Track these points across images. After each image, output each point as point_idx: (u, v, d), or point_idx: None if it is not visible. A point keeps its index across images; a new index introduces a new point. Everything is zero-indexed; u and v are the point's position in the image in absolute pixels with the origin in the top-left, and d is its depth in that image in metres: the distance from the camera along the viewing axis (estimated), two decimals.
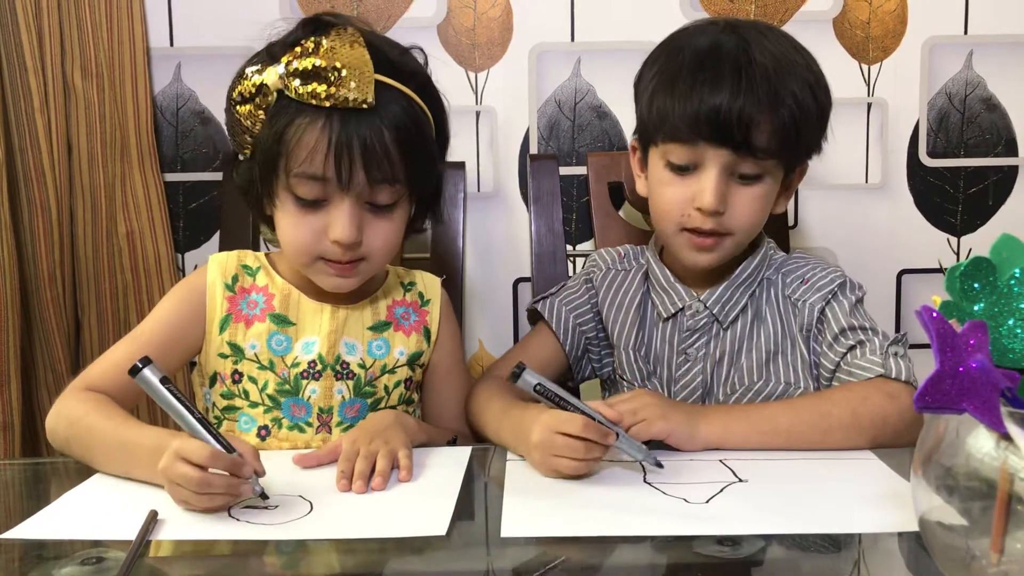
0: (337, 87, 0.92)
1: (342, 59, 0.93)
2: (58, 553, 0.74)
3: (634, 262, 1.19)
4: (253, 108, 0.96)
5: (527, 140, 1.55)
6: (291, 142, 0.94)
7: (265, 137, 0.96)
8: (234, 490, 0.80)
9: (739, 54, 1.01)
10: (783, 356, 1.10)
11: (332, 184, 0.95)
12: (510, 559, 0.74)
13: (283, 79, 0.94)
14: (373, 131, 0.94)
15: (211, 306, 1.05)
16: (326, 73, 0.93)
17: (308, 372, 1.05)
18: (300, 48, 0.94)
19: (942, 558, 0.63)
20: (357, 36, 0.95)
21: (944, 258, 1.59)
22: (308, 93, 0.93)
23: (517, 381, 0.91)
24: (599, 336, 1.18)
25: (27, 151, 1.44)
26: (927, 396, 0.57)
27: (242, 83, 0.97)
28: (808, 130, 1.04)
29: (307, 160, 0.94)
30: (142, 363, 0.83)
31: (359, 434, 0.95)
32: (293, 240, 1.00)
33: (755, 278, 1.11)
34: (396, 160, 0.96)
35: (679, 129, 1.02)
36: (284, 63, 0.94)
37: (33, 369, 1.49)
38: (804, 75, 1.02)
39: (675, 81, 1.02)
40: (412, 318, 1.12)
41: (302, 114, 0.94)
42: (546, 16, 1.52)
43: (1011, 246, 0.62)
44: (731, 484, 0.87)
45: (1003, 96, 1.55)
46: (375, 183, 0.96)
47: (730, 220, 1.04)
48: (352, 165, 0.94)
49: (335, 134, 0.93)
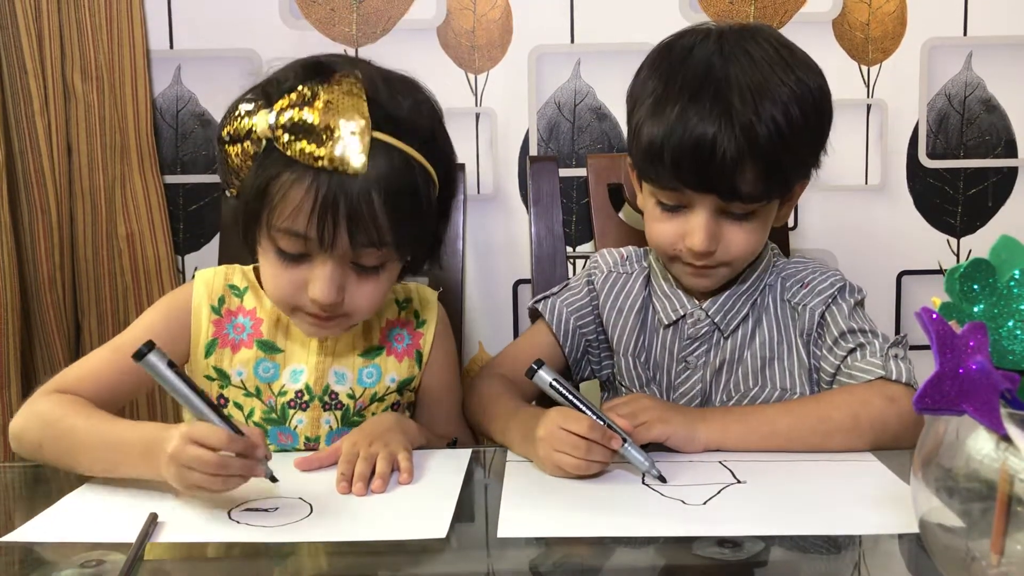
0: (327, 147, 0.87)
1: (337, 116, 0.87)
2: (58, 556, 0.74)
3: (636, 265, 1.18)
4: (241, 150, 0.91)
5: (527, 142, 1.55)
6: (275, 196, 0.89)
7: (250, 185, 0.91)
8: (249, 471, 0.80)
9: (724, 90, 0.96)
10: (779, 361, 1.10)
11: (315, 243, 0.90)
12: (510, 562, 0.74)
13: (273, 129, 0.88)
14: (362, 195, 0.88)
15: (196, 328, 1.03)
16: (318, 130, 0.87)
17: (295, 402, 1.03)
18: (295, 95, 0.88)
19: (942, 560, 0.63)
20: (359, 89, 0.89)
21: (944, 259, 1.59)
22: (297, 150, 0.87)
23: (533, 377, 0.91)
24: (599, 338, 1.18)
25: (27, 154, 1.44)
26: (927, 398, 0.57)
27: (233, 121, 0.92)
28: (799, 158, 1.01)
29: (290, 217, 0.89)
30: (147, 347, 0.79)
31: (359, 436, 0.95)
32: (273, 289, 0.97)
33: (757, 286, 1.11)
34: (384, 225, 0.90)
35: (663, 179, 1.01)
36: (276, 111, 0.88)
37: (33, 371, 1.49)
38: (792, 94, 0.97)
39: (662, 116, 0.98)
40: (405, 341, 1.09)
41: (290, 168, 0.88)
42: (546, 18, 1.53)
43: (1011, 248, 0.62)
44: (729, 485, 0.87)
45: (1002, 97, 1.55)
46: (359, 247, 0.91)
47: (724, 254, 1.03)
48: (336, 229, 0.88)
49: (321, 195, 0.87)
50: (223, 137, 0.92)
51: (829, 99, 1.04)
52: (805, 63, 1.02)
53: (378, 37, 1.52)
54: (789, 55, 1.01)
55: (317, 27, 1.52)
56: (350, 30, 1.52)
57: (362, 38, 1.52)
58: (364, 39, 1.52)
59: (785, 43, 1.03)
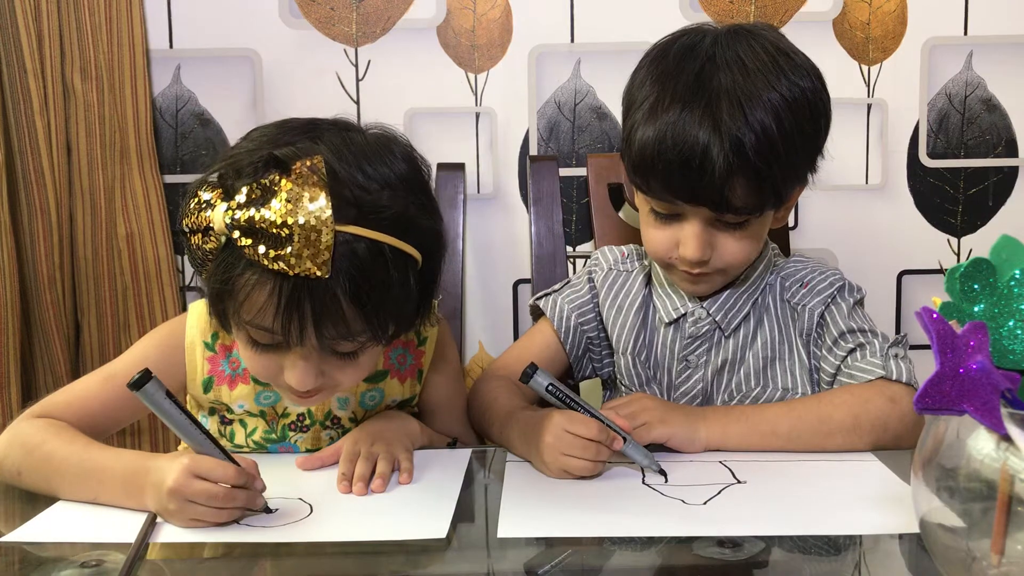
0: (287, 252, 0.80)
1: (296, 215, 0.79)
2: (58, 556, 0.74)
3: (637, 263, 1.18)
4: (202, 241, 0.85)
5: (527, 141, 1.55)
6: (239, 294, 0.84)
7: (213, 282, 0.86)
8: (251, 503, 0.80)
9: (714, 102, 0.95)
10: (781, 361, 1.09)
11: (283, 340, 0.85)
12: (510, 562, 0.74)
13: (230, 229, 0.82)
14: (327, 293, 0.82)
15: (191, 365, 1.01)
16: (275, 232, 0.80)
17: (296, 424, 1.02)
18: (251, 191, 0.81)
19: (943, 560, 0.62)
20: (321, 182, 0.81)
21: (944, 259, 1.58)
22: (255, 254, 0.81)
23: (529, 382, 0.91)
24: (600, 336, 1.18)
25: (27, 153, 1.44)
26: (927, 397, 0.57)
27: (191, 212, 0.85)
28: (790, 170, 0.99)
29: (258, 315, 0.84)
30: (144, 377, 0.76)
31: (360, 436, 0.95)
32: (253, 371, 0.93)
33: (758, 286, 1.11)
34: (353, 319, 0.84)
35: (655, 190, 1.00)
36: (233, 207, 0.81)
37: (33, 372, 1.49)
38: (781, 99, 0.96)
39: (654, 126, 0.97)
40: (408, 361, 1.06)
41: (251, 268, 0.82)
42: (546, 17, 1.52)
43: (1011, 247, 0.62)
44: (730, 485, 0.87)
45: (1003, 97, 1.55)
46: (331, 339, 0.85)
47: (718, 262, 1.03)
48: (303, 327, 0.83)
49: (284, 297, 0.82)
50: (183, 228, 0.87)
51: (825, 103, 1.02)
52: (801, 67, 1.00)
53: (378, 37, 1.52)
54: (785, 60, 0.99)
55: (317, 27, 1.52)
56: (350, 30, 1.52)
57: (362, 38, 1.52)
58: (364, 39, 1.52)
59: (781, 47, 1.00)
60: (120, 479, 0.82)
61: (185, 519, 0.78)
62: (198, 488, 0.77)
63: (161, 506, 0.79)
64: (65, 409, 0.95)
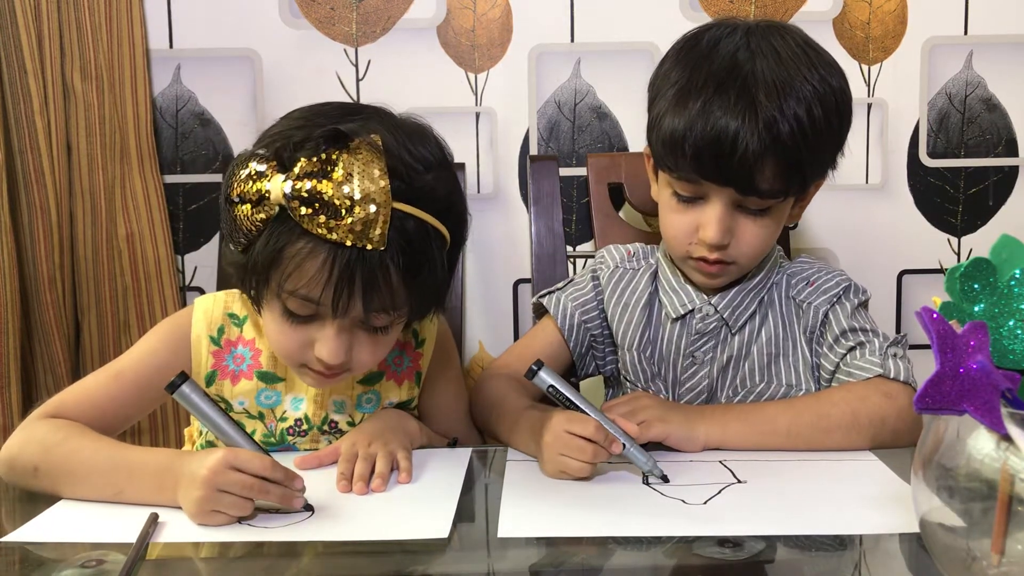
0: (346, 223, 0.84)
1: (356, 189, 0.84)
2: (58, 556, 0.74)
3: (643, 261, 1.18)
4: (251, 211, 0.87)
5: (527, 141, 1.55)
6: (289, 263, 0.87)
7: (262, 251, 0.88)
8: (287, 500, 0.80)
9: (749, 85, 0.97)
10: (784, 358, 1.10)
11: (327, 309, 0.88)
12: (511, 562, 0.74)
13: (288, 199, 0.85)
14: (379, 266, 0.86)
15: (196, 359, 1.01)
16: (336, 204, 0.84)
17: (295, 429, 1.02)
18: (312, 164, 0.85)
19: (943, 559, 0.62)
20: (379, 159, 0.85)
21: (944, 259, 1.58)
22: (315, 224, 0.84)
23: (533, 378, 0.91)
24: (604, 334, 1.18)
25: (27, 153, 1.44)
26: (927, 397, 0.57)
27: (243, 182, 0.87)
28: (819, 157, 1.02)
29: (306, 285, 0.87)
30: (180, 379, 0.81)
31: (359, 435, 0.95)
32: (278, 346, 0.95)
33: (765, 284, 1.11)
34: (400, 292, 0.89)
35: (682, 169, 1.01)
36: (292, 180, 0.85)
37: (33, 372, 1.49)
38: (815, 93, 0.99)
39: (685, 108, 0.99)
40: (405, 363, 1.07)
41: (305, 238, 0.86)
42: (546, 17, 1.52)
43: (1011, 247, 0.62)
44: (730, 485, 0.87)
45: (1003, 96, 1.55)
46: (372, 312, 0.90)
47: (735, 250, 1.04)
48: (351, 298, 0.87)
49: (339, 267, 0.85)
50: (231, 197, 0.89)
51: (850, 101, 1.05)
52: (829, 64, 1.03)
53: (378, 36, 1.52)
54: (815, 55, 1.02)
55: (317, 26, 1.52)
56: (350, 29, 1.52)
57: (362, 37, 1.52)
58: (364, 38, 1.52)
59: (811, 42, 1.04)
60: (153, 474, 0.83)
61: (209, 510, 0.78)
62: (233, 479, 0.78)
63: (189, 496, 0.79)
64: (75, 408, 0.96)
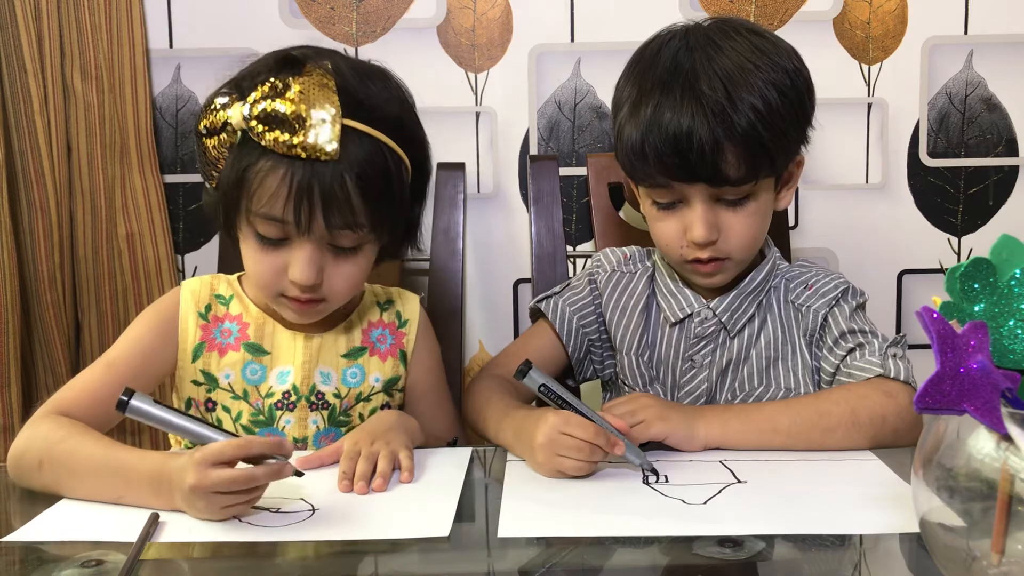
0: (300, 136, 0.91)
1: (308, 105, 0.91)
2: (58, 556, 0.74)
3: (639, 264, 1.18)
4: (218, 142, 0.95)
5: (527, 141, 1.55)
6: (252, 184, 0.94)
7: (228, 175, 0.95)
8: (275, 475, 0.79)
9: (692, 80, 0.99)
10: (783, 361, 1.10)
11: (292, 227, 0.94)
12: (511, 560, 0.74)
13: (247, 120, 0.93)
14: (335, 178, 0.92)
15: (183, 334, 1.04)
16: (290, 120, 0.91)
17: (282, 403, 1.04)
18: (268, 87, 0.93)
19: (943, 559, 0.62)
20: (328, 79, 0.93)
21: (944, 258, 1.58)
22: (271, 139, 0.92)
23: (523, 379, 0.91)
24: (602, 338, 1.18)
25: (27, 153, 1.44)
26: (927, 397, 0.57)
27: (209, 115, 0.96)
28: (782, 137, 1.01)
29: (268, 203, 0.93)
30: (127, 395, 0.81)
31: (361, 435, 0.95)
32: (255, 275, 1.00)
33: (763, 287, 1.11)
34: (358, 207, 0.94)
35: (651, 176, 1.02)
36: (249, 103, 0.93)
37: (33, 371, 1.49)
38: (766, 78, 0.99)
39: (639, 117, 1.01)
40: (388, 341, 1.10)
41: (265, 157, 0.93)
42: (546, 17, 1.52)
43: (1011, 247, 0.62)
44: (730, 485, 0.87)
45: (1003, 96, 1.55)
46: (335, 228, 0.95)
47: (725, 244, 1.04)
48: (312, 212, 0.93)
49: (296, 181, 0.92)
50: (200, 131, 0.97)
51: (806, 77, 1.05)
52: (776, 45, 1.03)
53: (378, 36, 1.52)
54: (760, 40, 1.02)
55: (317, 26, 1.52)
56: (350, 29, 1.52)
57: (362, 37, 1.52)
58: (364, 38, 1.52)
59: (754, 29, 1.04)
60: (147, 480, 0.83)
61: (216, 511, 0.79)
62: (215, 477, 0.77)
63: (190, 505, 0.79)
64: (75, 402, 0.97)
